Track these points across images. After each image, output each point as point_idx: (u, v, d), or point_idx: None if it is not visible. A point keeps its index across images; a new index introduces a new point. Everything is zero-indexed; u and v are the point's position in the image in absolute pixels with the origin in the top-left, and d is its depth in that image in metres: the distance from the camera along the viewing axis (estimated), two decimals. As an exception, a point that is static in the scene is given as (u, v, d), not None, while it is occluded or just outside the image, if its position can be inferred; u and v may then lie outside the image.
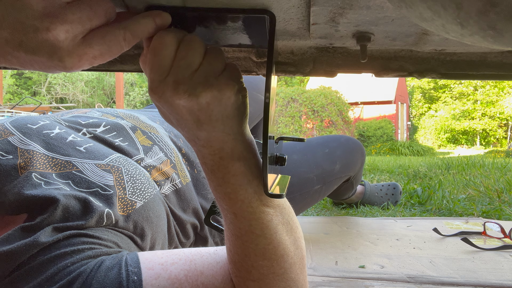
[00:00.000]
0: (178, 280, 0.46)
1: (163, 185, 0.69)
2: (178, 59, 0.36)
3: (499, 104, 18.53)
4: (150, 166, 0.69)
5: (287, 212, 0.48)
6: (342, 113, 10.91)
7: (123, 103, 7.32)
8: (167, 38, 0.35)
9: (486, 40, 0.18)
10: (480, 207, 1.67)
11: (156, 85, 0.36)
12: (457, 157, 4.86)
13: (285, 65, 0.45)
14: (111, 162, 0.61)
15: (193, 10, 0.36)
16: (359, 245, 1.16)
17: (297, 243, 0.48)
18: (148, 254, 0.49)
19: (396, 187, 1.73)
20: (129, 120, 0.78)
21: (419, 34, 0.38)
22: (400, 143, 11.24)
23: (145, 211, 0.59)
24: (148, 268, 0.46)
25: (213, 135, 0.40)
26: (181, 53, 0.36)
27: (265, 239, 0.44)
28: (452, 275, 0.91)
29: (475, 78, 0.44)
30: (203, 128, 0.39)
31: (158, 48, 0.35)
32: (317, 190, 1.16)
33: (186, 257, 0.49)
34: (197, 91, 0.36)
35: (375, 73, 0.45)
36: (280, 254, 0.45)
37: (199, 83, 0.36)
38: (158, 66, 0.36)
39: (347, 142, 1.31)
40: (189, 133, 0.41)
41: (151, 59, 0.36)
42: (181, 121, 0.39)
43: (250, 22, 0.37)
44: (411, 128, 19.63)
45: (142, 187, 0.62)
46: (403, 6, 0.20)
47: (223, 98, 0.38)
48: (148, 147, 0.74)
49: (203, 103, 0.37)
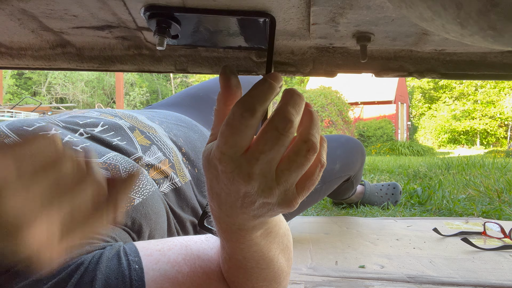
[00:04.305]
0: (177, 263, 0.47)
1: (161, 183, 0.69)
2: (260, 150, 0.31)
3: (499, 104, 18.53)
4: (148, 165, 0.69)
5: (284, 232, 0.49)
6: (342, 113, 10.91)
7: (123, 103, 7.32)
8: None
9: (486, 40, 0.18)
10: (480, 207, 1.67)
11: (225, 159, 0.32)
12: (457, 157, 4.86)
13: (285, 65, 0.45)
14: (108, 160, 0.61)
15: (193, 10, 0.36)
16: (359, 245, 1.16)
17: (289, 256, 0.51)
18: (144, 243, 0.50)
19: (396, 187, 1.73)
20: (127, 120, 0.78)
21: (419, 34, 0.38)
22: (400, 143, 11.24)
23: (143, 207, 0.59)
24: (147, 255, 0.47)
25: (245, 218, 0.36)
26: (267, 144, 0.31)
27: (267, 269, 0.46)
28: (452, 275, 0.91)
29: (475, 78, 0.44)
30: (242, 211, 0.35)
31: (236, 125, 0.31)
32: (317, 189, 1.16)
33: (181, 243, 0.51)
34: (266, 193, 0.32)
35: (375, 73, 0.44)
36: (278, 274, 0.48)
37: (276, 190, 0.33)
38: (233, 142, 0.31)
39: (347, 142, 1.31)
40: (222, 206, 0.36)
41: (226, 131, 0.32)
42: (226, 197, 0.35)
43: (250, 24, 0.37)
44: (411, 128, 19.63)
45: (141, 183, 0.62)
46: (403, 6, 0.20)
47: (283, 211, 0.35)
48: (146, 146, 0.74)
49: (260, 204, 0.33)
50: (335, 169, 1.21)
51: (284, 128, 0.31)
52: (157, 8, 0.36)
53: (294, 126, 0.32)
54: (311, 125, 0.34)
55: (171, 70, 0.46)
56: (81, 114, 0.75)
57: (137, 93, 20.39)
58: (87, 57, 0.44)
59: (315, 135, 0.33)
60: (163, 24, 0.36)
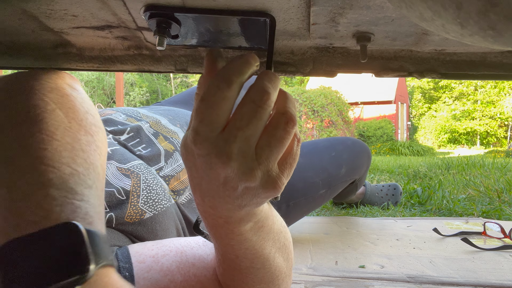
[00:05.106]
0: (170, 272, 0.46)
1: (181, 194, 0.70)
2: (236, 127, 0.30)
3: (499, 104, 18.53)
4: (168, 176, 0.70)
5: (279, 228, 0.46)
6: (342, 113, 10.90)
7: (123, 103, 7.32)
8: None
9: (486, 40, 0.18)
10: (480, 207, 1.67)
11: (201, 140, 0.30)
12: (457, 157, 4.86)
13: (285, 65, 0.45)
14: (132, 167, 0.62)
15: (193, 10, 0.36)
16: (359, 245, 1.16)
17: (288, 256, 0.48)
18: (138, 246, 0.49)
19: (396, 188, 1.73)
20: (152, 125, 0.79)
21: (419, 34, 0.38)
22: (400, 143, 11.24)
23: (152, 223, 0.59)
24: (139, 262, 0.46)
25: (229, 208, 0.34)
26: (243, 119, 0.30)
27: (263, 269, 0.44)
28: (452, 275, 0.91)
29: (475, 78, 0.44)
30: (225, 201, 0.33)
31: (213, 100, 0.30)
32: (321, 194, 1.14)
33: (176, 248, 0.49)
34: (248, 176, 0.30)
35: (375, 73, 0.44)
36: (275, 275, 0.46)
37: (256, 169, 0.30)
38: (209, 120, 0.30)
39: (354, 145, 1.29)
40: (205, 198, 0.34)
41: (202, 108, 0.30)
42: (207, 186, 0.33)
43: (250, 24, 0.37)
44: (411, 128, 19.63)
45: (157, 198, 0.62)
46: (403, 6, 0.20)
47: (266, 198, 0.32)
48: (170, 152, 0.74)
49: (242, 189, 0.31)
50: (340, 173, 1.19)
51: (261, 100, 0.29)
52: (157, 8, 0.36)
53: (271, 99, 0.30)
54: (287, 101, 0.33)
55: (171, 70, 0.46)
56: (108, 117, 0.76)
57: (137, 93, 20.38)
58: (87, 57, 0.44)
59: (292, 108, 0.32)
60: (163, 24, 0.36)
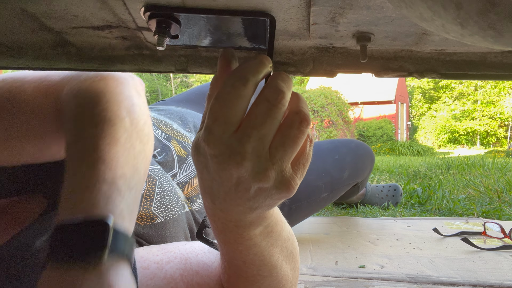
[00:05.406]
0: (173, 280, 0.45)
1: (195, 200, 0.69)
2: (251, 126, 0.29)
3: (499, 104, 18.53)
4: (182, 183, 0.70)
5: (287, 236, 0.45)
6: (342, 113, 10.91)
7: (123, 103, 7.34)
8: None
9: (486, 40, 0.18)
10: (480, 207, 1.67)
11: (214, 140, 0.29)
12: (457, 157, 4.86)
13: (285, 65, 0.45)
14: (150, 171, 0.61)
15: (193, 10, 0.36)
16: (359, 245, 1.16)
17: (295, 265, 0.48)
18: (144, 251, 0.49)
19: (396, 189, 1.73)
20: (163, 130, 0.79)
21: (419, 34, 0.38)
22: (400, 143, 11.25)
23: (162, 228, 0.59)
24: (144, 268, 0.46)
25: (240, 210, 0.33)
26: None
27: (270, 277, 0.43)
28: (452, 275, 0.91)
29: (475, 78, 0.44)
30: (237, 203, 0.32)
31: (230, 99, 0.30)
32: (324, 197, 1.14)
33: (181, 255, 0.49)
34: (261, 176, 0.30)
35: (375, 73, 0.44)
36: (282, 284, 0.45)
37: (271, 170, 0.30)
38: (224, 119, 0.29)
39: (357, 148, 1.28)
40: (215, 200, 0.34)
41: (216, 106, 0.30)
42: (218, 188, 0.32)
43: (250, 24, 0.37)
44: (411, 128, 19.63)
45: (170, 204, 0.62)
46: (403, 6, 0.20)
47: (278, 199, 0.32)
48: (183, 158, 0.74)
49: (254, 191, 0.31)
50: (343, 176, 1.18)
51: (276, 99, 0.29)
52: (157, 8, 0.36)
53: (286, 98, 0.30)
54: (299, 101, 0.32)
55: (171, 70, 0.46)
56: None
57: (137, 93, 20.37)
58: (87, 57, 0.44)
59: (305, 108, 0.32)
60: (163, 24, 0.36)
